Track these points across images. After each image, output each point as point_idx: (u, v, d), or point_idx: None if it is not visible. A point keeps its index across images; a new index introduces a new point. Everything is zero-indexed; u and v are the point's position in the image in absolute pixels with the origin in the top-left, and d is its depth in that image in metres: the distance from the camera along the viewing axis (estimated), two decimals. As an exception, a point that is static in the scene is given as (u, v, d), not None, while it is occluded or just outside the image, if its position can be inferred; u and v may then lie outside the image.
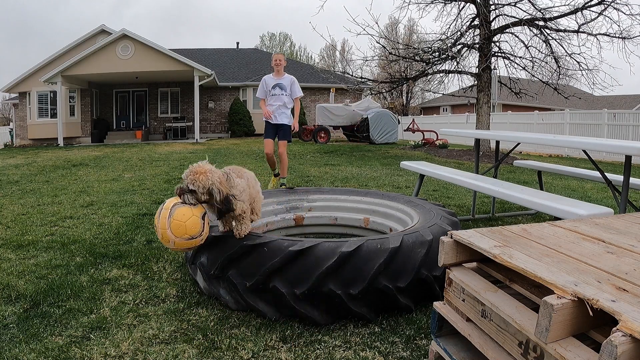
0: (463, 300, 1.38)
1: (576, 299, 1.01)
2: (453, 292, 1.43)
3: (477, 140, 4.44)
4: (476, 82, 11.32)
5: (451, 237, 1.46)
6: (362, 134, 15.47)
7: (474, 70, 11.26)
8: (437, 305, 1.52)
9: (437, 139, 15.46)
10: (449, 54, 10.70)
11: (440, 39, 11.20)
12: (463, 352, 1.44)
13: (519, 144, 3.50)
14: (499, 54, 11.10)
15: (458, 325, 1.40)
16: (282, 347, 1.83)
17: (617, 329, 0.89)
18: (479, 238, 1.43)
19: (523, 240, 1.44)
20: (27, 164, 9.95)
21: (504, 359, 1.22)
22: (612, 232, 1.57)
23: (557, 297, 1.02)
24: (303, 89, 21.08)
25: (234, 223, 2.18)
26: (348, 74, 14.57)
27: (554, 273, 1.13)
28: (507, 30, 10.88)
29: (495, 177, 4.13)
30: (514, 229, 1.57)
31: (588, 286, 1.06)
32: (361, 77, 14.61)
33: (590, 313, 0.99)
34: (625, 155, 2.64)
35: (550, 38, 10.42)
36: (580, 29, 9.97)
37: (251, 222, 2.29)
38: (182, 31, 69.48)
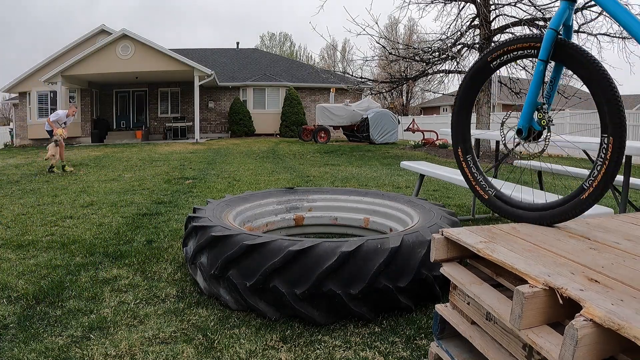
0: (468, 304, 1.40)
1: (547, 288, 1.06)
2: (458, 295, 1.45)
3: (477, 140, 4.44)
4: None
5: (442, 234, 1.50)
6: (362, 134, 15.47)
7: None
8: (439, 307, 1.54)
9: (437, 139, 15.46)
10: (449, 54, 10.70)
11: (440, 39, 11.21)
12: (465, 354, 1.45)
13: (519, 143, 3.50)
14: (499, 54, 11.09)
15: (460, 328, 1.42)
16: (282, 347, 1.83)
17: (580, 314, 0.93)
18: (467, 235, 1.46)
19: (510, 237, 1.48)
20: (27, 163, 9.95)
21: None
22: (600, 230, 1.59)
23: (530, 286, 1.07)
24: (303, 88, 21.12)
25: None
26: (348, 74, 14.57)
27: (530, 265, 1.18)
28: (507, 30, 10.88)
29: (495, 177, 4.13)
30: (504, 227, 1.61)
31: (560, 277, 1.10)
32: (361, 77, 14.62)
33: (560, 301, 1.03)
34: (625, 155, 2.65)
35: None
36: (580, 29, 9.97)
37: None
38: (166, 24, 69.08)
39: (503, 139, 1.85)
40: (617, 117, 1.43)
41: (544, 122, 1.66)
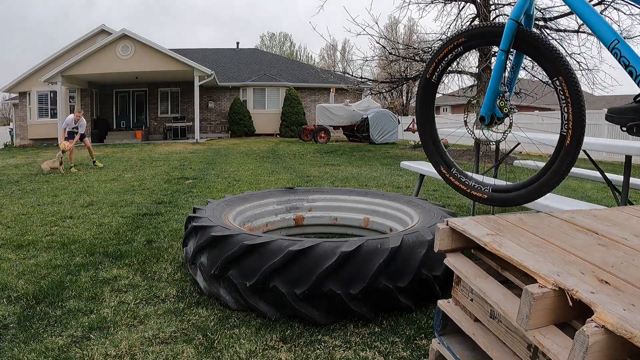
0: (471, 300, 1.38)
1: (557, 288, 1.02)
2: (461, 291, 1.43)
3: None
4: (476, 82, 11.32)
5: (447, 224, 1.47)
6: (362, 134, 15.47)
7: (474, 70, 11.26)
8: (441, 303, 1.52)
9: (437, 139, 15.43)
10: (449, 54, 10.68)
11: (440, 39, 11.20)
12: (467, 352, 1.43)
13: (519, 143, 3.51)
14: (499, 54, 11.09)
15: (462, 325, 1.40)
16: (282, 347, 1.83)
17: (592, 320, 0.90)
18: (473, 226, 1.43)
19: (517, 230, 1.44)
20: (27, 164, 9.95)
21: (509, 359, 1.21)
22: (608, 224, 1.56)
23: (539, 286, 1.04)
24: (303, 89, 21.09)
25: None
26: (348, 74, 14.56)
27: (539, 262, 1.15)
28: (507, 30, 10.86)
29: (495, 177, 4.13)
30: (510, 218, 1.57)
31: (570, 277, 1.07)
32: (361, 77, 14.62)
33: (570, 303, 1.00)
34: (625, 155, 2.65)
35: (550, 38, 10.42)
36: (580, 29, 9.96)
37: None
38: (166, 24, 69.02)
39: (471, 132, 1.97)
40: (564, 65, 1.51)
41: (505, 109, 1.71)
